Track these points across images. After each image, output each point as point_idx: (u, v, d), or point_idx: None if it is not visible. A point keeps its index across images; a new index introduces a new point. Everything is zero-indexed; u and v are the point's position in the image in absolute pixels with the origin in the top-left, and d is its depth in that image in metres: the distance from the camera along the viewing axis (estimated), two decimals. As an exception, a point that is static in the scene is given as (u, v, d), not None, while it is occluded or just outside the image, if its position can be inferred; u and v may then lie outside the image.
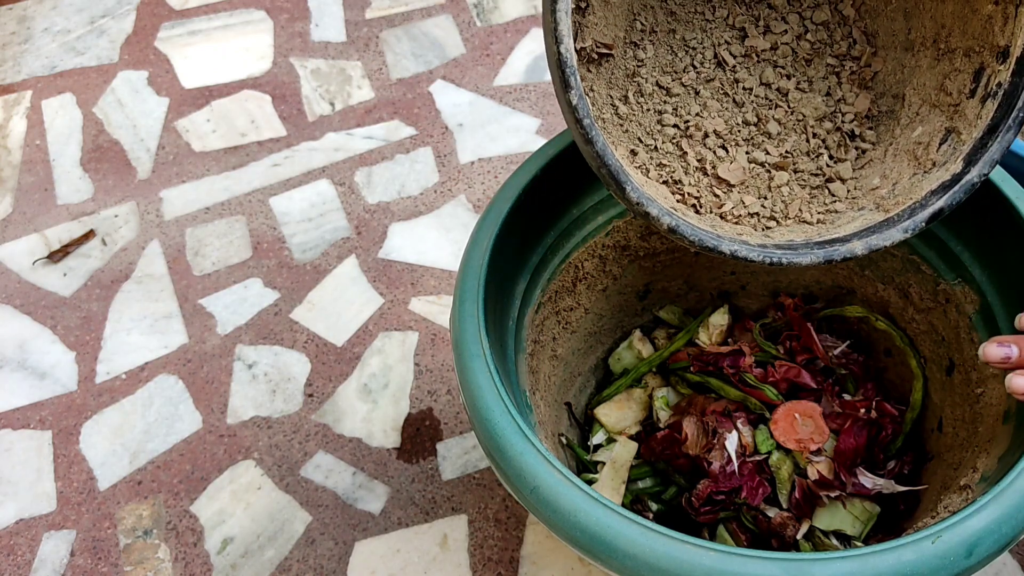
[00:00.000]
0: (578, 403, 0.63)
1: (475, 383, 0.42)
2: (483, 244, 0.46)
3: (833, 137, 0.48)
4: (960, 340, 0.52)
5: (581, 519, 0.37)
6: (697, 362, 0.61)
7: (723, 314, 0.64)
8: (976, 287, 0.50)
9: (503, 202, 0.48)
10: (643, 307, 0.64)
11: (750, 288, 0.64)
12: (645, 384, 0.63)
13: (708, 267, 0.63)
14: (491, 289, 0.46)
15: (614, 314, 0.63)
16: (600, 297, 0.60)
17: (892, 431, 0.57)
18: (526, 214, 0.50)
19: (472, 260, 0.46)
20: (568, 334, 0.59)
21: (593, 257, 0.57)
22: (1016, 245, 0.47)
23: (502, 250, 0.47)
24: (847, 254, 0.42)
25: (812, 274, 0.61)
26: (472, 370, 0.42)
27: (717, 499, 0.55)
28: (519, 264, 0.52)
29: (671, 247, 0.60)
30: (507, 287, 0.50)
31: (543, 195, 0.51)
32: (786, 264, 0.41)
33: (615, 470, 0.58)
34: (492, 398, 0.41)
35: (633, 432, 0.61)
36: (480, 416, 0.41)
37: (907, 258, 0.54)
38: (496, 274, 0.47)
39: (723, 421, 0.57)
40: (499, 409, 0.41)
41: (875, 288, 0.58)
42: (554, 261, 0.55)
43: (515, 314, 0.51)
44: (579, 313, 0.59)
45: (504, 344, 0.49)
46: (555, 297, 0.56)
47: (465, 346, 0.43)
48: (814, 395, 0.59)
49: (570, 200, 0.54)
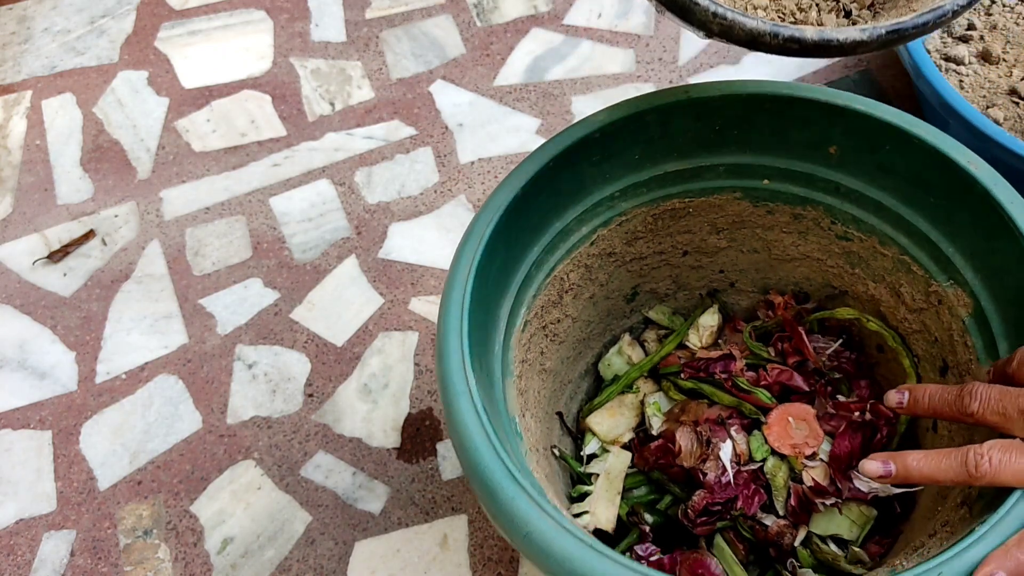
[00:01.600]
0: (569, 411, 0.63)
1: (463, 423, 0.40)
2: (465, 272, 0.45)
3: (828, 3, 0.47)
4: (954, 343, 0.51)
5: (576, 566, 0.36)
6: (688, 368, 0.60)
7: (713, 314, 0.63)
8: (969, 290, 0.50)
9: (484, 224, 0.47)
10: (631, 309, 0.64)
11: (739, 286, 0.64)
12: (637, 389, 0.62)
13: (696, 267, 0.62)
14: (475, 320, 0.44)
15: (602, 319, 0.62)
16: (587, 304, 0.60)
17: (887, 432, 0.56)
18: (509, 234, 0.49)
19: (454, 291, 0.44)
20: (556, 345, 0.58)
21: (579, 267, 0.57)
22: (1008, 250, 0.46)
23: (485, 275, 0.46)
24: (796, 33, 0.40)
25: (802, 271, 0.61)
26: (459, 410, 0.41)
27: (713, 510, 0.54)
28: (503, 285, 0.51)
29: (657, 249, 0.60)
30: (492, 312, 0.49)
31: (526, 213, 0.50)
32: (729, 20, 0.39)
33: (610, 481, 0.57)
34: (481, 440, 0.40)
35: (626, 440, 0.60)
36: (470, 459, 0.40)
37: (898, 258, 0.54)
38: (480, 303, 0.46)
39: (717, 430, 0.56)
40: (489, 453, 0.39)
41: (866, 286, 0.58)
42: (539, 277, 0.54)
43: (501, 338, 0.50)
44: (566, 324, 0.59)
45: (491, 371, 0.47)
46: (541, 312, 0.55)
47: (451, 383, 0.42)
48: (807, 397, 0.58)
49: (554, 214, 0.53)
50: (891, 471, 0.42)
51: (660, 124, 0.53)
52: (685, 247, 0.61)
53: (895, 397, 0.46)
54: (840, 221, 0.56)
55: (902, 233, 0.53)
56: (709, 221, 0.59)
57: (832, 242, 0.57)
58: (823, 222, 0.57)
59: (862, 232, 0.55)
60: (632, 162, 0.54)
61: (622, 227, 0.57)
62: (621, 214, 0.56)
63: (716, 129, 0.54)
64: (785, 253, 0.60)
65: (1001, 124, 0.69)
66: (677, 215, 0.58)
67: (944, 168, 0.49)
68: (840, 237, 0.57)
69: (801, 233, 0.58)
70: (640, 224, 0.58)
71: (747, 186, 0.57)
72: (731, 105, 0.53)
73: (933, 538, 0.44)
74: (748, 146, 0.55)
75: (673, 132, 0.54)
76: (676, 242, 0.60)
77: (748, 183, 0.56)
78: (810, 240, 0.58)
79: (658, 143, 0.54)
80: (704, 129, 0.54)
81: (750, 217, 0.59)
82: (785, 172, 0.55)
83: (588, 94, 0.88)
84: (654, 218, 0.58)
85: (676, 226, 0.59)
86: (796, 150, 0.55)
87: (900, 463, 0.42)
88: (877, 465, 0.43)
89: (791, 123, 0.53)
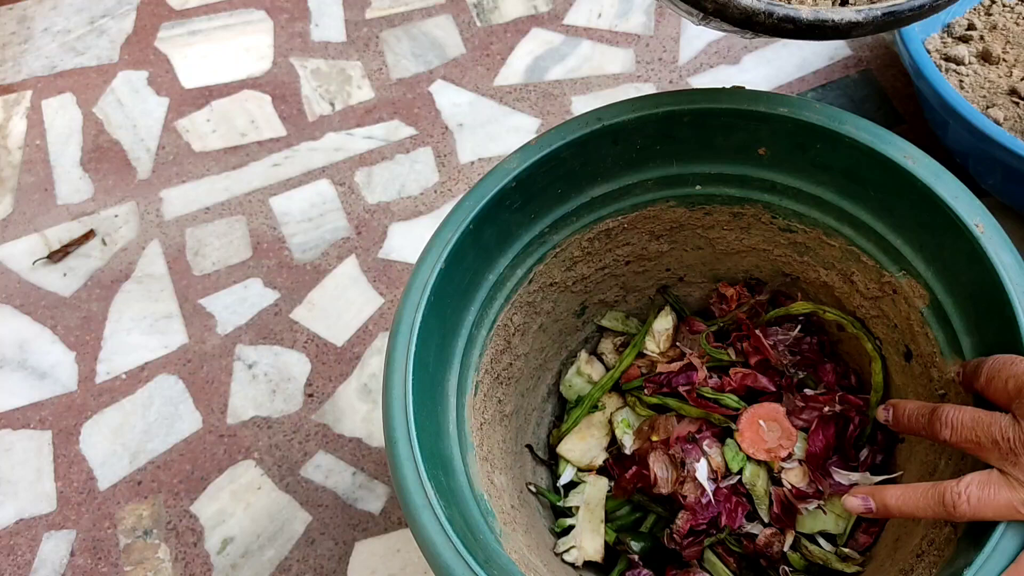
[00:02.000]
0: (538, 438, 0.61)
1: (429, 539, 0.39)
2: (400, 377, 0.43)
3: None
4: (914, 332, 0.50)
5: None
6: (650, 384, 0.59)
7: (667, 316, 0.62)
8: (923, 282, 0.48)
9: (412, 310, 0.45)
10: (583, 322, 0.62)
11: (688, 279, 0.62)
12: (602, 406, 0.60)
13: (641, 272, 0.61)
14: (421, 418, 0.42)
15: (555, 340, 0.61)
16: (538, 335, 0.58)
17: (859, 422, 0.55)
18: (440, 311, 0.47)
19: (394, 392, 0.42)
20: (513, 386, 0.56)
21: (521, 308, 0.55)
22: (957, 247, 0.45)
23: (424, 362, 0.44)
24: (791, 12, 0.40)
25: (751, 261, 0.59)
26: (424, 526, 0.39)
27: (699, 530, 0.54)
28: (444, 360, 0.48)
29: (600, 266, 0.58)
30: (439, 399, 0.47)
31: (454, 282, 0.48)
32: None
33: (591, 511, 0.56)
34: (451, 558, 0.39)
35: (600, 461, 0.59)
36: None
37: (846, 248, 0.53)
38: (423, 400, 0.43)
39: (689, 449, 0.55)
40: (460, 570, 0.38)
41: (817, 273, 0.56)
42: (481, 334, 0.52)
43: (453, 416, 0.47)
44: (519, 364, 0.57)
45: (449, 458, 0.45)
46: (491, 366, 0.53)
47: (409, 496, 0.40)
48: (774, 396, 0.57)
49: (485, 269, 0.51)
50: (871, 507, 0.44)
51: (577, 156, 0.51)
52: (627, 258, 0.59)
53: (882, 413, 0.47)
54: (781, 216, 0.54)
55: (846, 225, 0.52)
56: (647, 231, 0.57)
57: (776, 234, 0.56)
58: (763, 217, 0.55)
59: (805, 225, 0.54)
60: (556, 196, 0.52)
61: (558, 257, 0.55)
62: (554, 247, 0.55)
63: (637, 148, 0.52)
64: (730, 247, 0.59)
65: (1001, 124, 0.69)
66: (612, 233, 0.57)
67: (880, 164, 0.47)
68: (784, 230, 0.55)
69: (743, 228, 0.57)
70: (576, 249, 0.56)
71: (680, 194, 0.55)
72: (648, 125, 0.51)
73: (921, 560, 0.44)
74: (674, 158, 0.53)
75: (592, 160, 0.52)
76: (617, 256, 0.59)
77: (680, 191, 0.55)
78: (753, 234, 0.57)
79: (579, 173, 0.52)
80: (625, 151, 0.52)
81: (688, 221, 0.57)
82: (717, 176, 0.54)
83: (588, 94, 0.88)
84: (589, 241, 0.56)
85: (613, 242, 0.57)
86: (725, 155, 0.53)
87: (879, 499, 0.43)
88: (857, 502, 0.44)
89: (715, 132, 0.51)
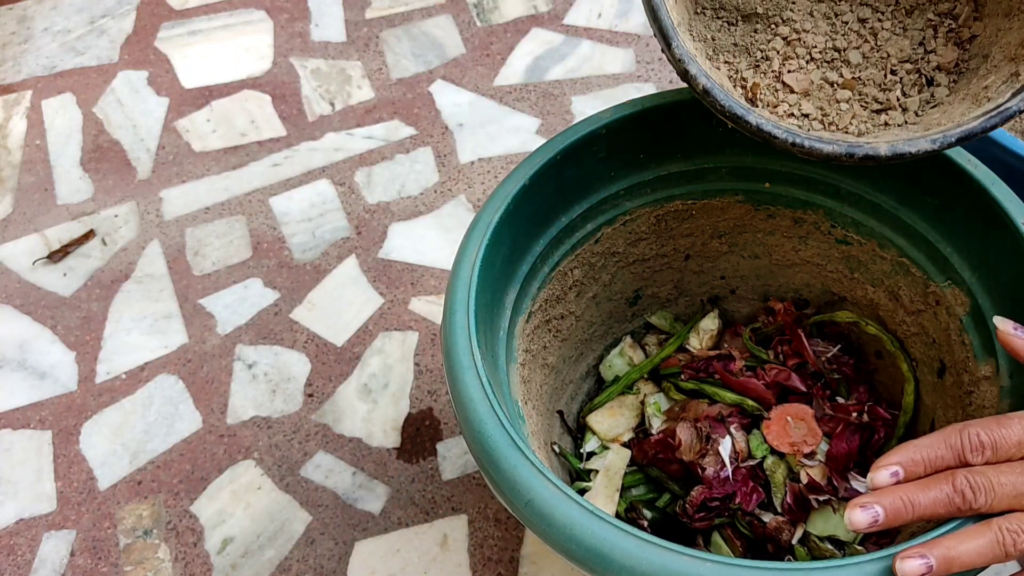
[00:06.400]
0: (570, 411, 0.63)
1: (468, 396, 0.41)
2: (472, 255, 0.46)
3: (911, 77, 0.47)
4: (951, 342, 0.52)
5: (576, 532, 0.36)
6: (688, 369, 0.60)
7: (713, 319, 0.64)
8: (966, 289, 0.50)
9: (492, 211, 0.48)
10: (633, 313, 0.64)
11: (740, 292, 0.64)
12: (637, 390, 0.62)
13: (698, 272, 0.63)
14: (482, 300, 0.45)
15: (604, 321, 0.63)
16: (590, 304, 0.60)
17: (884, 434, 0.56)
18: (515, 224, 0.49)
19: (462, 271, 0.46)
20: (559, 342, 0.59)
21: (583, 264, 0.57)
22: (1004, 247, 0.47)
23: (491, 261, 0.47)
24: (870, 151, 0.41)
25: (802, 277, 0.61)
26: (464, 383, 0.42)
27: (711, 505, 0.54)
28: (509, 274, 0.51)
29: (660, 252, 0.60)
30: (497, 297, 0.50)
31: (532, 205, 0.51)
32: (807, 148, 0.41)
33: (608, 478, 0.58)
34: (485, 411, 0.40)
35: (626, 439, 0.60)
36: (473, 429, 0.40)
37: (897, 260, 0.54)
38: (486, 285, 0.46)
39: (716, 427, 0.56)
40: (492, 422, 0.40)
41: (865, 291, 0.58)
42: (543, 270, 0.54)
43: (506, 324, 0.50)
44: (570, 321, 0.59)
45: (496, 355, 0.48)
46: (545, 306, 0.56)
47: (457, 358, 0.42)
48: (804, 399, 0.59)
49: (560, 208, 0.54)
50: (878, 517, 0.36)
51: (665, 123, 0.53)
52: (687, 251, 0.61)
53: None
54: (840, 225, 0.56)
55: (900, 235, 0.54)
56: (711, 224, 0.59)
57: (832, 247, 0.58)
58: (823, 226, 0.57)
59: (861, 236, 0.56)
60: (637, 161, 0.55)
61: (626, 227, 0.57)
62: (625, 213, 0.57)
63: (719, 131, 0.54)
64: (785, 258, 0.61)
65: (1001, 124, 0.69)
66: (680, 217, 0.58)
67: (945, 168, 0.49)
68: (840, 241, 0.57)
69: (801, 238, 0.59)
70: (644, 224, 0.58)
71: (749, 189, 0.57)
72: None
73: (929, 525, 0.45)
74: (751, 148, 0.55)
75: (677, 132, 0.54)
76: (678, 245, 0.61)
77: (750, 186, 0.57)
78: (810, 245, 0.59)
79: (663, 143, 0.54)
80: (708, 129, 0.54)
81: (751, 221, 0.59)
82: (786, 175, 0.56)
83: (588, 94, 0.88)
84: (657, 219, 0.58)
85: (679, 228, 0.59)
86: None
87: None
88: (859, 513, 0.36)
89: None
